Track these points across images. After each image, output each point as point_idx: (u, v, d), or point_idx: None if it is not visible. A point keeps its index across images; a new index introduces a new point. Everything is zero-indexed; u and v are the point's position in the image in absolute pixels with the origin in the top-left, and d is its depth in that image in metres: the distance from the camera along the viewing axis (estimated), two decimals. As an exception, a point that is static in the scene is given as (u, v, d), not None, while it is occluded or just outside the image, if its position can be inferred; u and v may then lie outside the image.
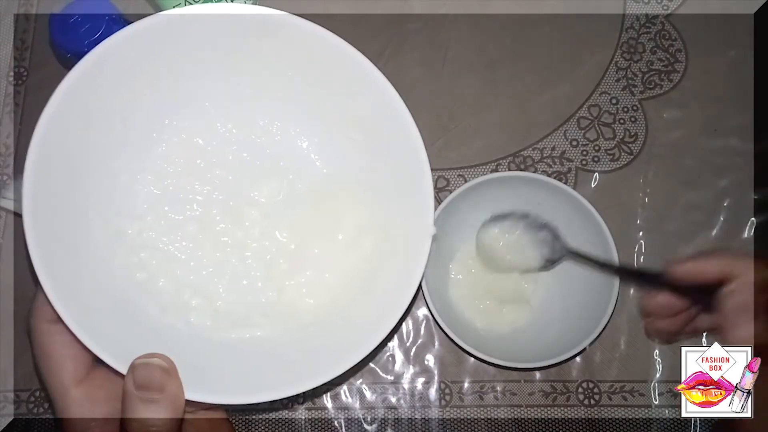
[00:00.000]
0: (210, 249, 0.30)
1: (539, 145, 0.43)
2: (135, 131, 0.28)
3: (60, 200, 0.25)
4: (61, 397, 0.24)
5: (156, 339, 0.27)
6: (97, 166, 0.27)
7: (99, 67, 0.25)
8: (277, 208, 0.31)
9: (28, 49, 0.45)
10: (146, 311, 0.28)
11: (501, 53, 0.44)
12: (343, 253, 0.30)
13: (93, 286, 0.26)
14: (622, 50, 0.44)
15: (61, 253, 0.25)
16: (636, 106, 0.43)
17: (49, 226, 0.24)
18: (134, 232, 0.29)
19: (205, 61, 0.28)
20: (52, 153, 0.24)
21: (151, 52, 0.26)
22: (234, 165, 0.31)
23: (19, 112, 0.44)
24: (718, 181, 0.41)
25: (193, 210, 0.30)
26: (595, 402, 0.38)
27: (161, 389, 0.23)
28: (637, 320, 0.39)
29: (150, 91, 0.27)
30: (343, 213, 0.31)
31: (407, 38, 0.44)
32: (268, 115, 0.30)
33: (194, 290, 0.29)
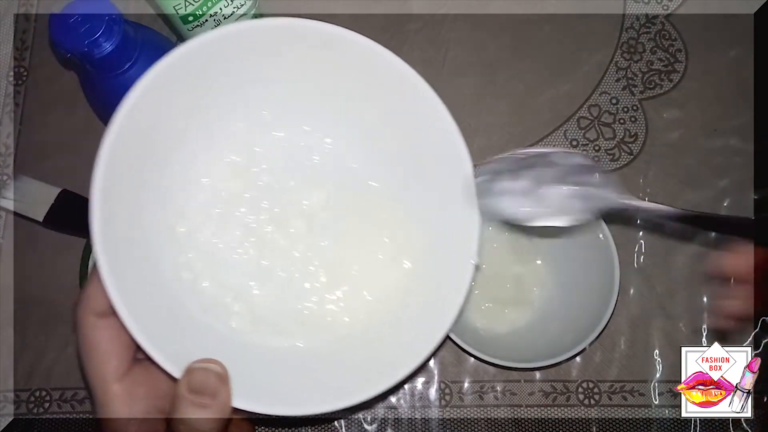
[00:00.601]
0: (254, 255, 0.30)
1: (539, 145, 0.43)
2: (194, 133, 0.29)
3: (123, 195, 0.26)
4: (103, 391, 0.25)
5: (198, 340, 0.27)
6: (157, 163, 0.28)
7: (173, 69, 0.26)
8: (322, 220, 0.31)
9: (28, 49, 0.45)
10: (190, 312, 0.28)
11: (501, 53, 0.44)
12: (381, 271, 0.30)
13: (144, 283, 0.26)
14: (622, 50, 0.44)
15: (120, 248, 0.25)
16: (636, 106, 0.43)
17: (112, 220, 0.25)
18: (184, 232, 0.29)
19: (266, 70, 0.28)
20: (122, 146, 0.25)
21: (219, 59, 0.27)
22: (283, 174, 0.31)
23: (19, 112, 0.44)
24: (717, 181, 0.41)
25: (240, 215, 0.30)
26: (595, 402, 0.38)
27: (214, 395, 0.24)
28: (637, 320, 0.39)
29: (212, 95, 0.28)
30: (385, 231, 0.31)
31: (407, 38, 0.44)
32: (321, 127, 0.31)
33: (236, 295, 0.29)
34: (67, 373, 0.40)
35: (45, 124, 0.44)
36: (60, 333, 0.40)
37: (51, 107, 0.44)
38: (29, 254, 0.42)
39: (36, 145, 0.44)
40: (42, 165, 0.43)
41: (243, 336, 0.28)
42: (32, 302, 0.41)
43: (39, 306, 0.41)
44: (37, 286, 0.41)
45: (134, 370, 0.25)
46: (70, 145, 0.43)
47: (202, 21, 0.36)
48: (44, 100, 0.44)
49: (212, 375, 0.24)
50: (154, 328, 0.25)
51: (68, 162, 0.43)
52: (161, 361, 0.24)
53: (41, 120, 0.44)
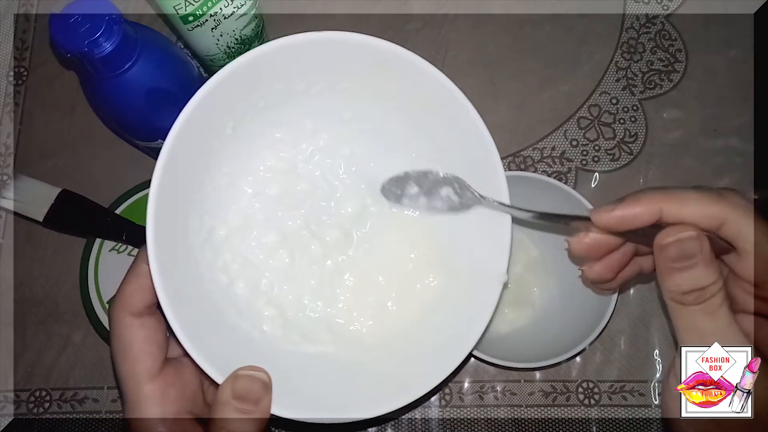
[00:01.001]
0: (288, 261, 0.30)
1: (539, 145, 0.43)
2: (241, 138, 0.29)
3: (173, 198, 0.26)
4: (135, 391, 0.25)
5: (234, 343, 0.27)
6: (204, 167, 0.28)
7: (233, 77, 0.26)
8: (356, 231, 0.32)
9: (28, 49, 0.45)
10: (226, 315, 0.28)
11: (501, 53, 0.44)
12: (411, 284, 0.31)
13: (186, 285, 0.26)
14: (622, 50, 0.44)
15: (168, 250, 0.25)
16: (636, 106, 0.43)
17: (164, 222, 0.25)
18: (223, 236, 0.29)
19: (314, 81, 0.29)
20: (179, 149, 0.26)
21: (271, 70, 0.27)
22: (321, 182, 0.31)
23: (19, 112, 0.44)
24: (717, 180, 0.41)
25: (277, 220, 0.31)
26: (595, 402, 0.38)
27: (257, 403, 0.24)
28: (637, 320, 0.39)
29: (262, 103, 0.29)
30: (416, 246, 0.31)
31: (407, 38, 0.44)
32: (360, 139, 0.31)
33: (268, 299, 0.30)
34: (67, 373, 0.40)
35: (45, 124, 0.44)
36: (60, 333, 0.40)
37: (51, 107, 0.44)
38: (29, 254, 0.42)
39: (36, 145, 0.44)
40: (42, 165, 0.43)
41: (274, 341, 0.29)
42: (32, 302, 0.41)
43: (39, 306, 0.41)
44: (37, 286, 0.41)
45: (165, 370, 0.26)
46: (70, 145, 0.44)
47: (202, 21, 0.36)
48: (44, 100, 0.44)
49: (258, 383, 0.24)
50: (195, 330, 0.25)
51: (68, 162, 0.43)
52: (205, 366, 0.24)
53: (41, 120, 0.44)
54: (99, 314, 0.39)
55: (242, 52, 0.40)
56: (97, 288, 0.39)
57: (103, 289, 0.39)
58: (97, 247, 0.40)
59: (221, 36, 0.38)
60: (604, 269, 0.27)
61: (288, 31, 0.27)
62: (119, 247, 0.40)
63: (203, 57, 0.40)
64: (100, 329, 0.39)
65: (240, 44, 0.39)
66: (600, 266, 0.27)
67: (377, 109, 0.30)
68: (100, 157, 0.43)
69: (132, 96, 0.34)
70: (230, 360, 0.25)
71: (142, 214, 0.40)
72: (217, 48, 0.39)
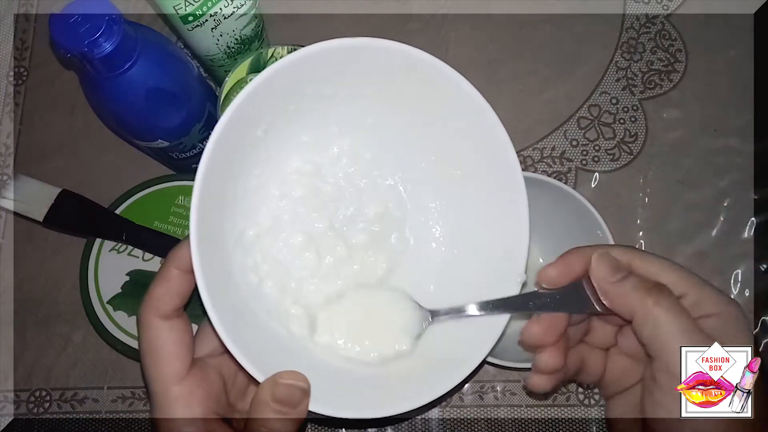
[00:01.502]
0: (315, 262, 0.31)
1: (539, 145, 0.43)
2: (271, 142, 0.30)
3: (212, 200, 0.26)
4: (164, 392, 0.25)
5: (266, 341, 0.28)
6: (237, 170, 0.29)
7: (270, 82, 0.27)
8: (382, 233, 0.32)
9: (28, 49, 0.45)
10: (257, 314, 0.28)
11: (501, 53, 0.44)
12: (432, 285, 0.31)
13: (222, 285, 0.26)
14: (622, 50, 0.44)
15: (208, 252, 0.25)
16: (636, 106, 0.43)
17: (204, 225, 0.25)
18: (253, 237, 0.30)
19: (346, 87, 0.29)
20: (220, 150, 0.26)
21: (310, 73, 0.28)
22: (346, 186, 0.32)
23: (19, 112, 0.44)
24: (718, 180, 0.41)
25: (304, 222, 0.31)
26: (594, 402, 0.38)
27: (296, 407, 0.25)
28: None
29: (293, 107, 0.29)
30: (435, 246, 0.32)
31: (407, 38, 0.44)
32: (385, 143, 0.32)
33: (295, 299, 0.30)
34: (67, 373, 0.40)
35: (45, 124, 0.44)
36: (60, 333, 0.41)
37: (51, 107, 0.44)
38: (29, 254, 0.42)
39: (36, 145, 0.44)
40: (42, 165, 0.43)
41: (301, 340, 0.29)
42: (32, 302, 0.41)
43: (39, 306, 0.41)
44: (37, 286, 0.41)
45: (192, 372, 0.26)
46: (70, 145, 0.44)
47: (202, 21, 0.36)
48: (44, 100, 0.45)
49: (298, 390, 0.25)
50: (234, 329, 0.25)
51: (68, 162, 0.43)
52: (247, 365, 0.25)
53: (41, 120, 0.44)
54: (99, 314, 0.39)
55: (242, 52, 0.40)
56: (97, 288, 0.39)
57: (103, 289, 0.39)
58: (97, 247, 0.40)
59: (221, 36, 0.38)
60: (557, 352, 0.27)
61: (288, 31, 0.27)
62: (119, 247, 0.40)
63: (203, 57, 0.40)
64: (99, 329, 0.39)
65: (240, 44, 0.39)
66: (553, 350, 0.27)
67: (400, 114, 0.30)
68: (100, 157, 0.43)
69: (132, 96, 0.34)
70: (266, 357, 0.26)
71: (142, 214, 0.40)
72: (217, 48, 0.39)
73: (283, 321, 0.29)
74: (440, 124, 0.30)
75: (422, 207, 0.32)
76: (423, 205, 0.32)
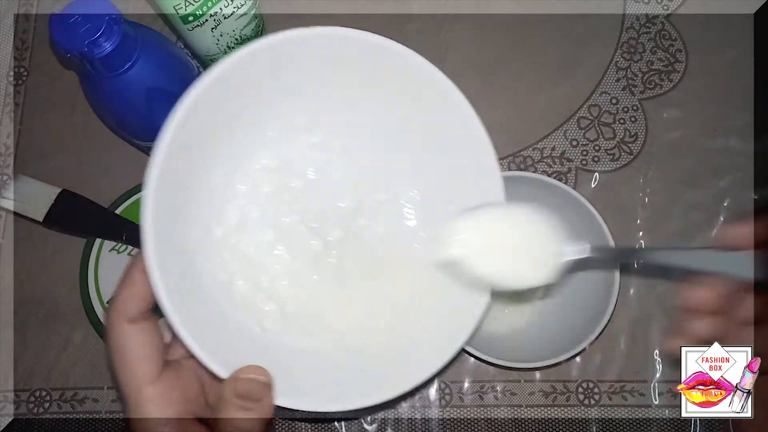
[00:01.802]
0: (287, 257, 0.31)
1: (539, 145, 0.43)
2: (234, 137, 0.29)
3: (170, 198, 0.26)
4: (136, 396, 0.25)
5: (235, 338, 0.28)
6: (198, 167, 0.28)
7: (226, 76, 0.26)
8: (352, 225, 0.32)
9: (28, 49, 0.45)
10: (226, 311, 0.28)
11: (501, 53, 0.44)
12: (407, 275, 0.31)
13: (184, 284, 0.26)
14: (622, 50, 0.44)
15: (165, 250, 0.25)
16: (636, 106, 0.43)
17: (160, 224, 0.25)
18: (220, 234, 0.30)
19: (306, 77, 0.29)
20: (174, 149, 0.25)
21: (268, 65, 0.27)
22: (316, 178, 0.32)
23: (19, 112, 0.44)
24: (717, 181, 0.41)
25: (274, 218, 0.31)
26: (594, 402, 0.38)
27: (259, 400, 0.25)
28: (637, 320, 0.39)
29: (256, 101, 0.29)
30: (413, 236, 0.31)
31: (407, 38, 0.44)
32: (354, 133, 0.31)
33: (269, 296, 0.30)
34: (67, 373, 0.40)
35: (45, 124, 0.44)
36: (60, 333, 0.41)
37: (51, 107, 0.44)
38: (29, 254, 0.42)
39: (36, 145, 0.44)
40: (42, 165, 0.43)
41: (274, 335, 0.29)
42: (32, 302, 0.41)
43: (39, 306, 0.41)
44: (37, 286, 0.41)
45: (165, 374, 0.26)
46: (70, 145, 0.44)
47: (202, 21, 0.36)
48: (44, 100, 0.45)
49: (258, 384, 0.25)
50: (197, 328, 0.25)
51: (68, 162, 0.43)
52: (207, 361, 0.25)
53: (41, 120, 0.44)
54: (99, 314, 0.39)
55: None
56: (97, 288, 0.39)
57: (103, 289, 0.39)
58: (97, 247, 0.40)
59: (221, 36, 0.38)
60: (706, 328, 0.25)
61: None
62: (119, 247, 0.40)
63: (203, 57, 0.40)
64: (100, 329, 0.39)
65: (240, 44, 0.39)
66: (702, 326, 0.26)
67: (369, 103, 0.30)
68: (100, 157, 0.43)
69: (132, 96, 0.34)
70: (233, 355, 0.25)
71: (142, 214, 0.40)
72: (217, 48, 0.39)
73: (256, 318, 0.29)
74: (410, 110, 0.29)
75: (397, 196, 0.32)
76: (398, 193, 0.32)
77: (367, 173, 0.32)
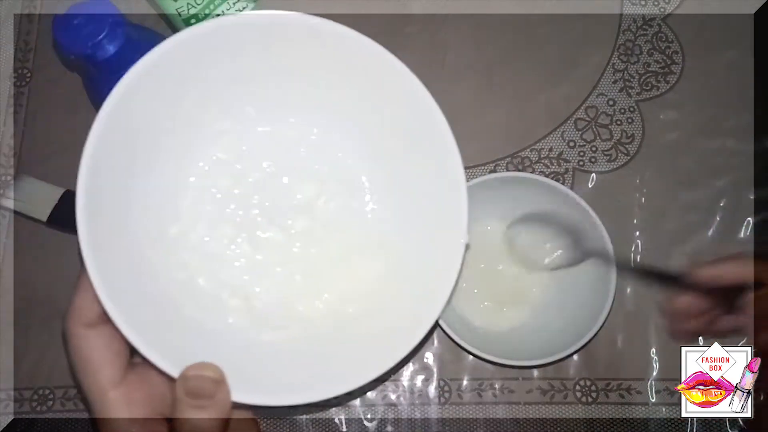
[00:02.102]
0: (249, 250, 0.30)
1: (537, 146, 0.43)
2: (180, 132, 0.29)
3: (111, 199, 0.26)
4: (100, 400, 0.25)
5: (196, 338, 0.27)
6: (144, 165, 0.28)
7: (154, 69, 0.25)
8: (313, 212, 0.31)
9: (31, 51, 0.45)
10: (186, 310, 0.28)
11: (499, 55, 0.44)
12: (374, 259, 0.31)
13: (136, 286, 0.26)
14: (619, 52, 0.44)
15: (110, 253, 0.25)
16: (633, 108, 0.43)
17: (101, 225, 0.25)
18: (176, 233, 0.29)
19: (249, 65, 0.28)
20: (107, 148, 0.25)
21: (202, 56, 0.27)
22: (271, 168, 0.31)
23: (22, 113, 0.44)
24: (714, 181, 0.42)
25: (231, 212, 0.30)
26: (592, 400, 0.38)
27: (211, 397, 0.24)
28: (634, 318, 0.39)
29: (197, 94, 0.28)
30: (375, 219, 0.31)
31: (407, 39, 0.44)
32: (306, 119, 0.31)
33: (233, 291, 0.29)
34: (70, 372, 0.40)
35: (48, 125, 0.44)
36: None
37: (54, 108, 0.44)
38: (32, 254, 0.42)
39: (39, 146, 0.44)
40: (45, 166, 0.43)
41: (241, 332, 0.28)
42: (35, 301, 0.41)
43: (42, 305, 0.41)
44: (40, 286, 0.41)
45: (129, 376, 0.25)
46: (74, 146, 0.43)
47: (204, 23, 0.37)
48: (47, 102, 0.45)
49: (207, 380, 0.24)
50: (150, 329, 0.25)
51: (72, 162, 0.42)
52: (158, 362, 0.24)
53: (44, 121, 0.44)
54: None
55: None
56: (99, 287, 0.40)
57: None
58: (100, 246, 0.40)
59: (223, 38, 0.38)
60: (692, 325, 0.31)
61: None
62: (121, 247, 0.40)
63: (205, 59, 0.40)
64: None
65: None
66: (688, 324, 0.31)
67: (320, 89, 0.29)
68: (103, 158, 0.43)
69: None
70: (190, 355, 0.25)
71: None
72: (219, 50, 0.39)
73: (220, 314, 0.28)
74: (363, 95, 0.29)
75: (357, 182, 0.31)
76: (357, 180, 0.31)
77: (325, 160, 0.31)
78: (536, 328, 0.38)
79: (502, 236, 0.38)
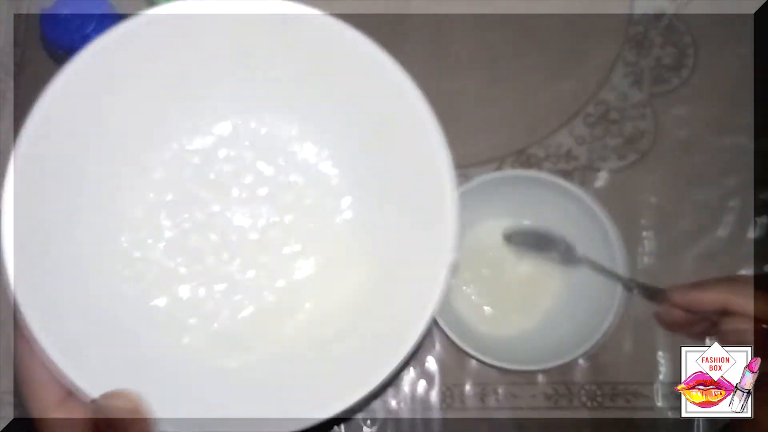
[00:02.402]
0: (211, 264, 0.28)
1: (544, 143, 0.42)
2: (133, 134, 0.27)
3: (48, 208, 0.24)
4: (42, 421, 0.24)
5: (142, 362, 0.26)
6: (90, 170, 0.26)
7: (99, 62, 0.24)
8: (286, 225, 0.29)
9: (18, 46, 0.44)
10: (135, 330, 0.26)
11: (504, 48, 0.43)
12: (347, 275, 0.28)
13: (78, 303, 0.25)
14: (629, 45, 0.43)
15: (44, 267, 0.23)
16: (644, 103, 0.42)
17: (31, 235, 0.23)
18: (127, 245, 0.27)
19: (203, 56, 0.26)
20: (41, 154, 0.23)
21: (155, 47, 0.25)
22: (236, 175, 0.29)
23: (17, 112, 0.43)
24: (725, 179, 0.41)
25: (193, 222, 0.28)
26: (598, 404, 0.38)
27: (124, 429, 0.23)
28: (640, 322, 0.39)
29: (152, 90, 0.26)
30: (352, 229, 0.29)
31: (407, 37, 0.43)
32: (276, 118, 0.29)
33: (192, 308, 0.27)
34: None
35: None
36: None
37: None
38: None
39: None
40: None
41: (197, 353, 0.27)
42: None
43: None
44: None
45: (71, 396, 0.24)
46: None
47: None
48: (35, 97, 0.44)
49: (123, 411, 0.23)
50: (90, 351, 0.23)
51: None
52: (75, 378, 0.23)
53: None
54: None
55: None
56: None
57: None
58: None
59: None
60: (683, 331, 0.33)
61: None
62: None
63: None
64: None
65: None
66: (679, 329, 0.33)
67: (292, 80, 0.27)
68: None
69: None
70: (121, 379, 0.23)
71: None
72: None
73: (174, 333, 0.26)
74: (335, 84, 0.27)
75: (329, 178, 0.29)
76: (329, 175, 0.29)
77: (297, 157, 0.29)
78: (541, 332, 0.37)
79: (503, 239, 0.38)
